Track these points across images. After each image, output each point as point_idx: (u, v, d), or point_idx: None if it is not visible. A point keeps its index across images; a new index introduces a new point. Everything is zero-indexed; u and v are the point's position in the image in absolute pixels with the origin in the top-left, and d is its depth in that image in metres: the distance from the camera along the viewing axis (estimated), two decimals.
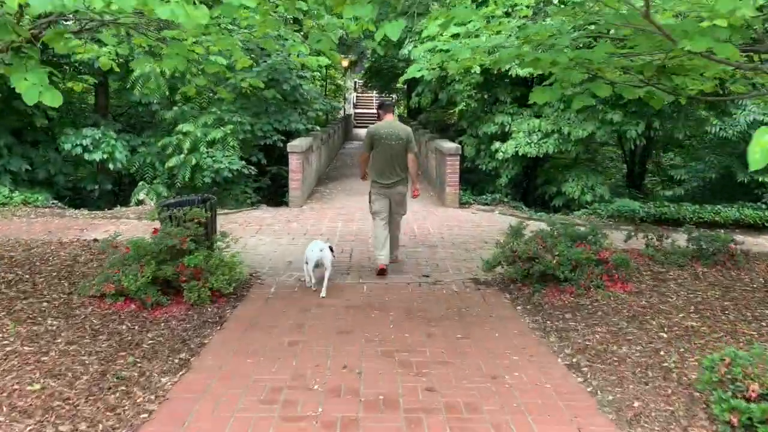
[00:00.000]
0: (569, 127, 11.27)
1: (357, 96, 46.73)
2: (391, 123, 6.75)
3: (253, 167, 12.57)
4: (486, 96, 12.07)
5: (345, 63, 38.32)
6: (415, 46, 13.21)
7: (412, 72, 7.08)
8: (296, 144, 11.49)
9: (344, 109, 38.38)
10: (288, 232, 9.10)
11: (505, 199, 12.16)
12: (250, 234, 8.92)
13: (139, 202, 11.46)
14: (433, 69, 7.97)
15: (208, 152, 12.17)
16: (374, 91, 36.70)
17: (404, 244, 8.13)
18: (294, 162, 11.41)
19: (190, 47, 5.65)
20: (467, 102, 11.95)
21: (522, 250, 6.00)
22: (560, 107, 11.68)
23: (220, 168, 11.83)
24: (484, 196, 12.35)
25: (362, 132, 33.84)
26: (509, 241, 6.34)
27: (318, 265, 5.93)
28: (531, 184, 13.51)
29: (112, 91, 15.11)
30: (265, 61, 12.02)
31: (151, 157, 12.94)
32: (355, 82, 46.72)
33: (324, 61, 7.20)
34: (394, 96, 23.30)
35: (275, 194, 14.04)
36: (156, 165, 12.90)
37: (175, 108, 13.16)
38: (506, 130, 12.13)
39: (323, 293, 5.85)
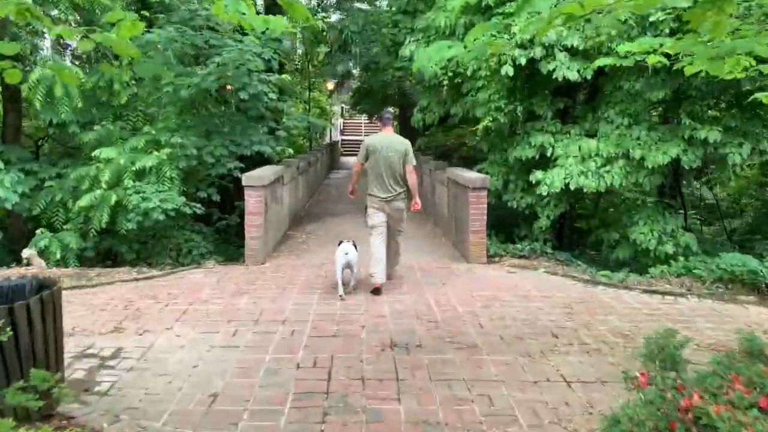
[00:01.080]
0: (641, 150, 7.97)
1: (344, 122, 43.59)
2: (388, 135, 6.63)
3: (199, 206, 9.12)
4: (519, 109, 8.80)
5: (330, 86, 35.27)
6: (419, 45, 9.99)
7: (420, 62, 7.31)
8: (255, 176, 8.07)
9: (330, 135, 35.18)
10: (230, 317, 5.63)
11: (548, 250, 8.79)
12: (169, 321, 5.47)
13: (27, 263, 7.93)
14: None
15: (135, 186, 8.74)
16: (363, 116, 33.53)
17: (420, 343, 4.83)
18: (252, 201, 7.99)
19: None
20: (494, 116, 8.65)
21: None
22: (624, 122, 8.40)
23: (150, 208, 8.38)
24: (517, 245, 8.97)
25: (350, 162, 30.54)
26: (662, 380, 2.89)
27: (347, 266, 6.27)
28: (567, 224, 10.17)
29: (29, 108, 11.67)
30: (214, 61, 8.65)
31: (63, 194, 9.45)
32: (342, 108, 43.71)
33: (277, 23, 3.77)
34: (391, 109, 20.18)
35: (240, 240, 10.60)
36: (69, 204, 9.41)
37: (98, 127, 9.75)
38: (547, 154, 8.82)
39: (353, 283, 6.48)
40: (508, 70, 8.32)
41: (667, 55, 5.47)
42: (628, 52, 6.01)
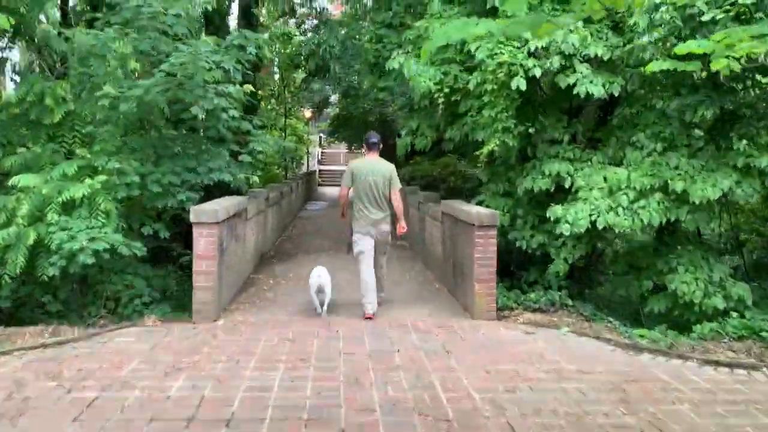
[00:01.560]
0: (682, 182, 6.52)
1: (322, 151, 42.13)
2: (372, 160, 6.76)
3: (140, 245, 7.40)
4: (531, 130, 7.33)
5: (307, 113, 33.87)
6: (409, 57, 8.54)
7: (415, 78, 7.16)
8: (207, 210, 6.41)
9: (307, 164, 33.66)
10: (153, 414, 3.92)
11: (568, 302, 7.24)
12: (62, 423, 3.74)
13: None
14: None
15: (60, 221, 7.03)
16: (342, 144, 32.13)
17: None
18: (203, 242, 6.33)
19: None
20: (501, 138, 7.15)
21: None
22: (657, 147, 6.98)
23: (76, 249, 6.67)
24: (530, 295, 7.42)
25: (328, 192, 28.98)
26: None
27: (319, 290, 6.47)
28: (587, 269, 8.65)
29: None
30: (162, 70, 7.02)
31: None
32: (320, 137, 42.37)
33: None
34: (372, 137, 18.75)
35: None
36: None
37: (22, 150, 8.06)
38: (565, 185, 7.35)
39: (323, 314, 6.59)
40: (519, 83, 6.87)
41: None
42: (691, 53, 4.58)
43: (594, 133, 8.19)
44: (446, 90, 8.04)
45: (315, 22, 24.15)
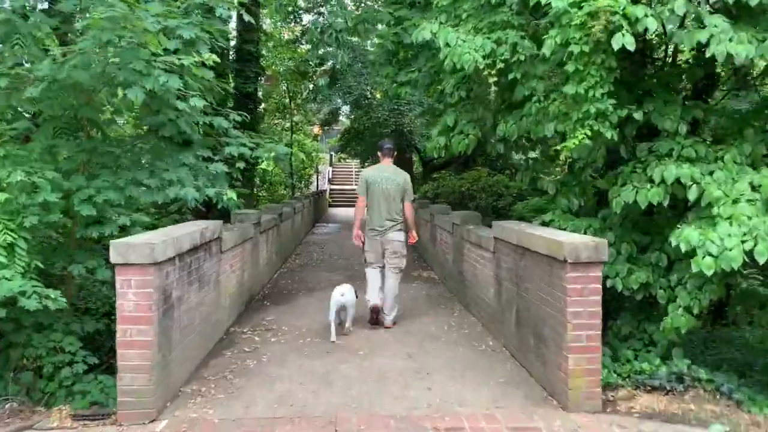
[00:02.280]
0: None
1: (333, 170, 39.86)
2: (386, 167, 6.58)
3: (55, 295, 5.02)
4: (637, 115, 4.94)
5: (317, 129, 31.67)
6: (443, 27, 6.18)
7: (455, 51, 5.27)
8: (137, 244, 3.97)
9: (317, 184, 31.38)
10: None
11: (702, 375, 4.74)
12: None
13: None
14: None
15: None
16: (354, 161, 29.83)
17: None
18: (131, 295, 3.93)
19: None
20: (593, 127, 4.73)
21: None
22: None
23: None
24: (642, 364, 4.96)
25: (340, 213, 26.64)
26: None
27: (341, 308, 6.06)
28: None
29: None
30: (85, 38, 4.68)
31: None
32: (331, 155, 40.20)
33: None
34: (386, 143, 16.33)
35: None
36: None
37: None
38: (690, 197, 4.89)
39: (348, 324, 6.18)
40: (624, 41, 4.48)
41: None
42: None
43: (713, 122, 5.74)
44: (500, 66, 5.67)
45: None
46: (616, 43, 4.48)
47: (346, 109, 22.34)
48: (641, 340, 5.68)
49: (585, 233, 5.64)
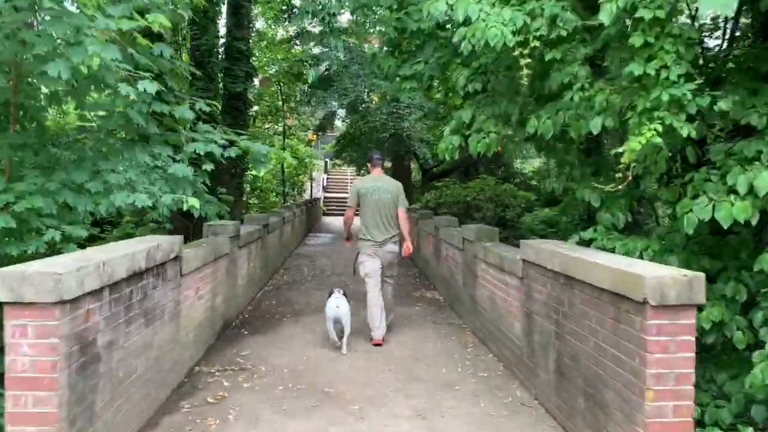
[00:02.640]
0: None
1: (328, 178, 38.66)
2: (378, 177, 6.48)
3: None
4: (723, 104, 3.81)
5: (311, 135, 30.52)
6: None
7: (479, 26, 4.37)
8: (34, 274, 2.78)
9: (311, 191, 30.20)
10: None
11: None
12: None
13: None
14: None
15: None
16: (350, 168, 28.66)
17: None
18: (26, 349, 2.75)
19: None
20: (666, 120, 3.59)
21: None
22: None
23: None
24: (713, 430, 3.76)
25: (334, 223, 25.44)
26: None
27: (336, 321, 5.82)
28: None
29: None
30: None
31: None
32: (326, 162, 39.08)
33: None
34: (375, 154, 14.82)
35: None
36: None
37: None
38: None
39: (344, 350, 5.77)
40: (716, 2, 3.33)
41: None
42: None
43: None
44: (534, 44, 4.52)
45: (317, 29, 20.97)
46: (707, 5, 3.32)
47: (341, 113, 21.18)
48: (707, 392, 4.51)
49: (641, 257, 4.48)
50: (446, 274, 8.57)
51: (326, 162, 38.48)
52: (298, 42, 21.50)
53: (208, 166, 4.90)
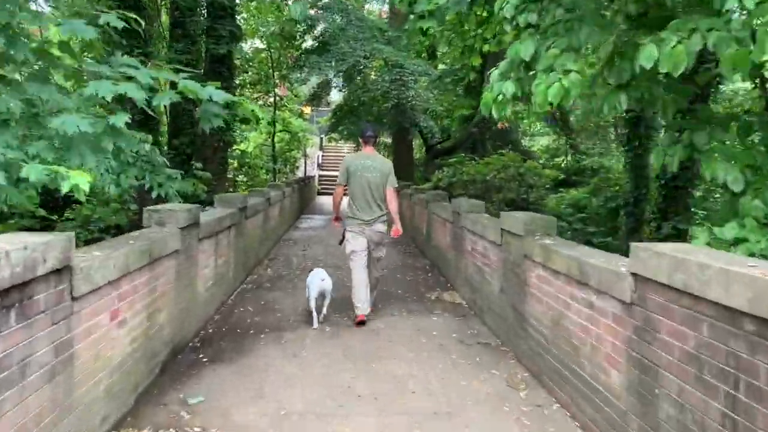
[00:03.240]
0: None
1: (323, 155, 36.64)
2: (369, 154, 6.20)
3: None
4: None
5: (306, 108, 28.48)
6: None
7: None
8: None
9: (305, 169, 28.28)
10: None
11: None
12: None
13: None
14: None
15: None
16: (347, 144, 26.66)
17: None
18: None
19: None
20: None
21: None
22: None
23: None
24: None
25: (329, 202, 23.58)
26: None
27: (321, 295, 5.83)
28: None
29: None
30: None
31: None
32: (321, 138, 37.07)
33: None
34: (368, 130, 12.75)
35: None
36: None
37: None
38: None
39: (324, 311, 5.95)
40: None
41: None
42: None
43: None
44: None
45: None
46: None
47: (338, 82, 19.14)
48: None
49: None
50: (472, 274, 6.71)
51: (321, 138, 36.49)
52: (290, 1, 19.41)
53: (120, 119, 3.00)
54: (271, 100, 20.91)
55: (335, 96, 22.26)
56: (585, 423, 3.58)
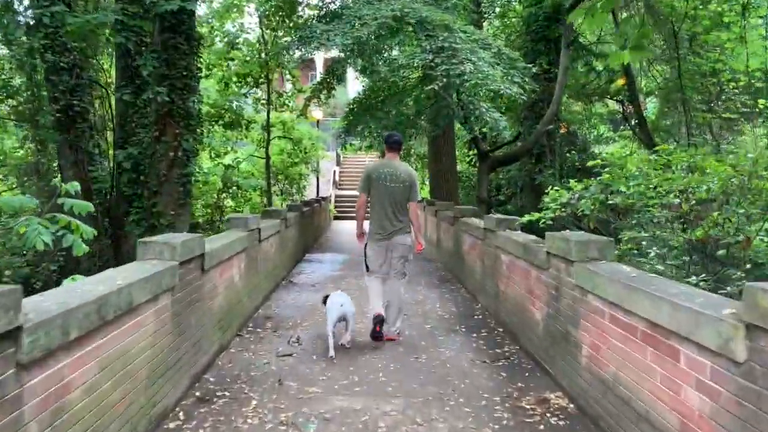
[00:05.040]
0: None
1: (341, 171, 31.17)
2: (392, 162, 5.88)
3: None
4: None
5: (318, 114, 23.08)
6: None
7: None
8: None
9: (317, 188, 22.83)
10: None
11: None
12: None
13: None
14: None
15: None
16: (368, 154, 21.07)
17: None
18: None
19: None
20: None
21: None
22: None
23: None
24: None
25: (346, 231, 18.09)
26: None
27: (341, 319, 5.42)
28: None
29: None
30: None
31: None
32: (338, 153, 31.68)
33: None
34: (393, 136, 7.47)
35: None
36: None
37: None
38: None
39: (346, 339, 5.45)
40: None
41: None
42: None
43: None
44: None
45: None
46: None
47: (354, 63, 13.59)
48: None
49: None
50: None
51: (338, 153, 31.13)
52: None
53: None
54: (265, 102, 15.42)
55: (352, 89, 16.74)
56: None
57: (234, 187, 14.61)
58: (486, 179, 14.57)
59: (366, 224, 5.92)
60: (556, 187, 6.15)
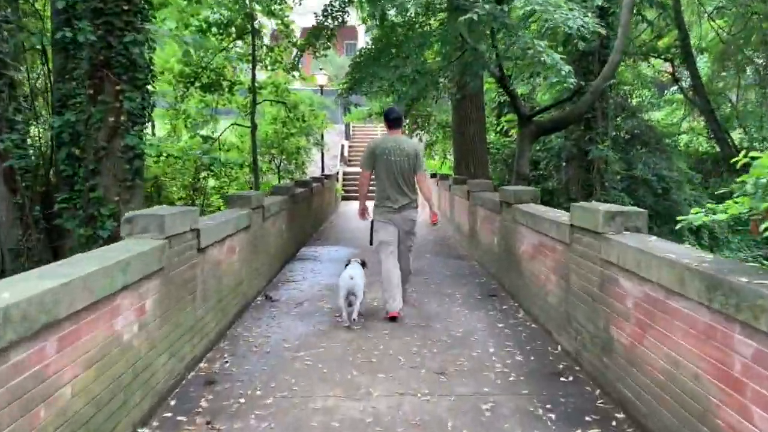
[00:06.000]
0: None
1: (349, 145, 28.16)
2: (396, 137, 5.81)
3: None
4: None
5: (321, 78, 19.97)
6: None
7: None
8: None
9: (322, 165, 19.88)
10: None
11: None
12: None
13: None
14: None
15: None
16: (380, 125, 18.04)
17: None
18: None
19: None
20: None
21: None
22: None
23: None
24: None
25: (356, 210, 15.30)
26: None
27: (350, 293, 5.34)
28: None
29: None
30: None
31: None
32: (347, 126, 28.74)
33: None
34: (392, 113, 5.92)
35: None
36: None
37: None
38: None
39: (354, 318, 5.33)
40: None
41: None
42: None
43: None
44: None
45: None
46: None
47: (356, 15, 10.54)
48: None
49: None
50: None
51: (347, 125, 28.15)
52: None
53: None
54: (248, 50, 12.38)
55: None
56: None
57: (213, 164, 11.68)
58: (528, 150, 11.52)
59: (369, 204, 5.73)
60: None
